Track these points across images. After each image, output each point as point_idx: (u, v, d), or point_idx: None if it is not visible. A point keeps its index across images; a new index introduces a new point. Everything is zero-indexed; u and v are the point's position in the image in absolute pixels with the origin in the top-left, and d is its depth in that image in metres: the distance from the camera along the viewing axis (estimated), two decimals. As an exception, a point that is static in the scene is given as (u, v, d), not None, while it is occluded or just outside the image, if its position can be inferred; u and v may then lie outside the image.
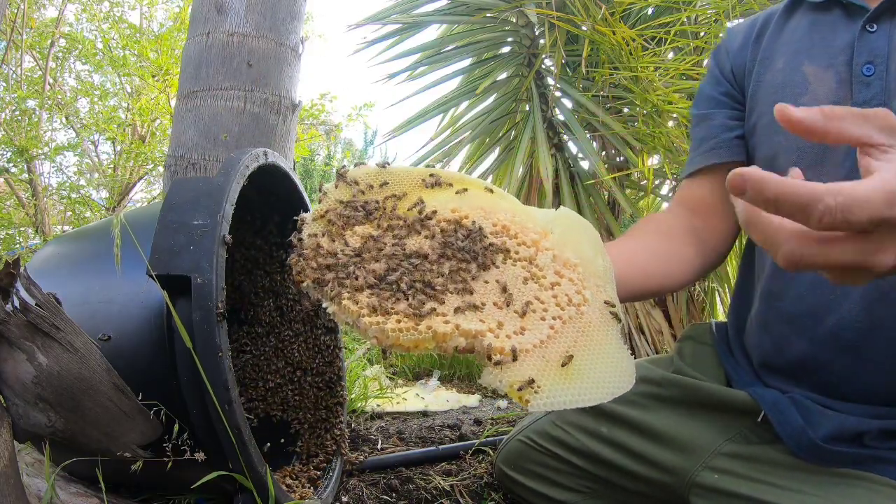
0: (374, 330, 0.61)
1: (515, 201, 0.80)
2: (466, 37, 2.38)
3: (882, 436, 0.74)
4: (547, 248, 0.74)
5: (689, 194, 0.96)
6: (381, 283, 0.65)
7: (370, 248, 0.69)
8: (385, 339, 0.61)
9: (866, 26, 0.79)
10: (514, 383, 0.60)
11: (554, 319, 0.67)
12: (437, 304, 0.64)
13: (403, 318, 0.62)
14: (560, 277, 0.71)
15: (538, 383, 0.61)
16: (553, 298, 0.69)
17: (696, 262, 0.90)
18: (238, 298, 1.24)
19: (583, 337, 0.67)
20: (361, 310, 0.62)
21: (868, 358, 0.76)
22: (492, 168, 2.42)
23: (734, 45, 0.94)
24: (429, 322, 0.62)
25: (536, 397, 0.60)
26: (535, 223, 0.76)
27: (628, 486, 0.93)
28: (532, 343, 0.64)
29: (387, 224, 0.72)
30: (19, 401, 0.71)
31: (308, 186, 5.90)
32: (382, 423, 1.58)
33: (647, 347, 2.07)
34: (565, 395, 0.61)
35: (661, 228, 0.92)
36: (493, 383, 0.61)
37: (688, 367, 0.95)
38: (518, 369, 0.61)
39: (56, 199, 5.51)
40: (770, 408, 0.80)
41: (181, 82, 1.75)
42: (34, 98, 5.34)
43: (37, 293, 0.71)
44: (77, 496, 0.90)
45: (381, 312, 0.62)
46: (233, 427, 0.78)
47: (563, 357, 0.64)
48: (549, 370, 0.62)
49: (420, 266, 0.68)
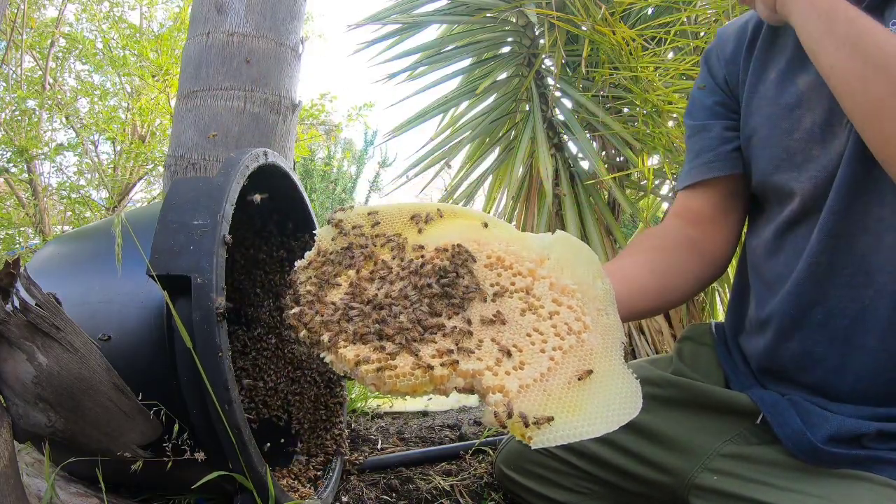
0: (370, 378, 0.61)
1: (511, 228, 0.79)
2: (466, 37, 2.38)
3: (881, 437, 0.74)
4: (543, 276, 0.73)
5: (687, 206, 0.94)
6: (374, 331, 0.65)
7: (361, 295, 0.69)
8: (382, 385, 0.61)
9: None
10: (515, 420, 0.59)
11: (554, 350, 0.66)
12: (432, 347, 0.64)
13: (399, 364, 0.62)
14: (559, 305, 0.70)
15: (539, 419, 0.60)
16: (552, 328, 0.68)
17: (697, 272, 0.90)
18: (238, 298, 1.24)
19: (585, 366, 0.66)
20: (357, 358, 0.62)
21: (859, 345, 0.76)
22: (492, 168, 2.42)
23: (726, 51, 0.93)
24: (425, 365, 0.62)
25: (539, 433, 0.59)
26: (531, 250, 0.76)
27: (628, 488, 0.93)
28: (532, 377, 0.63)
29: (378, 269, 0.72)
30: (19, 401, 0.71)
31: (308, 186, 5.90)
32: (382, 423, 1.58)
33: (647, 347, 2.07)
34: (569, 428, 0.60)
35: (658, 244, 0.92)
36: (494, 423, 0.60)
37: (687, 368, 0.95)
38: (519, 406, 0.60)
39: (56, 199, 5.51)
40: (769, 410, 0.80)
41: (181, 82, 1.74)
42: (34, 98, 5.34)
43: (37, 293, 0.71)
44: (77, 496, 0.90)
45: (376, 360, 0.62)
46: (233, 427, 0.78)
47: (565, 389, 0.63)
48: (551, 404, 0.61)
49: (412, 309, 0.67)
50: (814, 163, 0.78)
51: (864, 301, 0.75)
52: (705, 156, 0.91)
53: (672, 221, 0.95)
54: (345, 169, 6.71)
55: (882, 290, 0.74)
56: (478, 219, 0.79)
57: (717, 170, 0.90)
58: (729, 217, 0.92)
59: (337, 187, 6.27)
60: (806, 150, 0.79)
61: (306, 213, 1.21)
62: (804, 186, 0.79)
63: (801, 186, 0.79)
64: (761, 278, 0.87)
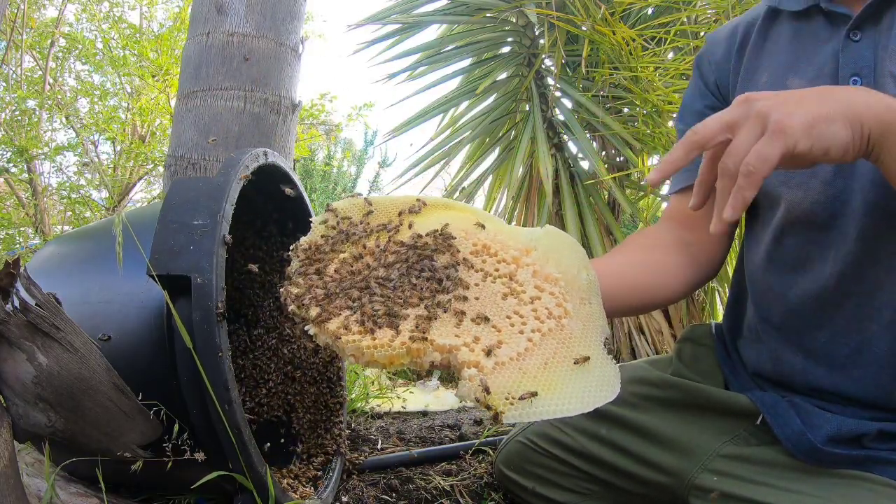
0: (350, 348, 0.63)
1: (501, 223, 0.81)
2: (466, 37, 2.38)
3: (881, 437, 0.74)
4: (528, 263, 0.75)
5: (678, 209, 0.95)
6: (357, 304, 0.67)
7: (348, 274, 0.72)
8: (361, 356, 0.63)
9: (850, 35, 0.76)
10: (489, 396, 0.60)
11: (533, 332, 0.67)
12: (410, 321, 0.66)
13: (378, 336, 0.64)
14: (540, 291, 0.72)
15: (513, 394, 0.61)
16: (532, 312, 0.70)
17: (688, 273, 0.90)
18: (238, 298, 1.24)
19: (563, 348, 0.67)
20: (339, 330, 0.65)
21: (857, 377, 0.76)
22: (492, 168, 2.42)
23: (716, 56, 0.92)
24: (403, 338, 0.64)
25: (511, 409, 0.60)
26: (518, 242, 0.78)
27: (628, 488, 0.93)
28: (509, 356, 0.64)
29: (367, 251, 0.75)
30: (19, 401, 0.71)
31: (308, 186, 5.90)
32: (382, 423, 1.58)
33: (647, 347, 2.07)
34: (542, 406, 0.61)
35: (649, 243, 0.92)
36: (467, 396, 0.62)
37: (687, 370, 0.95)
38: (492, 381, 0.61)
39: (56, 199, 5.51)
40: (769, 411, 0.80)
41: (181, 82, 1.74)
42: (34, 98, 5.34)
43: (37, 293, 0.71)
44: (77, 496, 0.90)
45: (357, 332, 0.64)
46: (233, 427, 0.78)
47: (540, 369, 0.64)
48: (525, 381, 0.63)
49: (393, 286, 0.70)
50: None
51: (866, 333, 0.75)
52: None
53: (665, 224, 0.95)
54: (345, 169, 6.71)
55: (889, 326, 0.74)
56: (469, 212, 0.81)
57: None
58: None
59: (337, 187, 6.26)
60: None
61: (306, 213, 1.21)
62: (793, 193, 0.79)
63: (789, 192, 0.79)
64: (756, 287, 0.87)
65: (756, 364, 0.87)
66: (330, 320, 0.66)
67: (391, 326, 0.65)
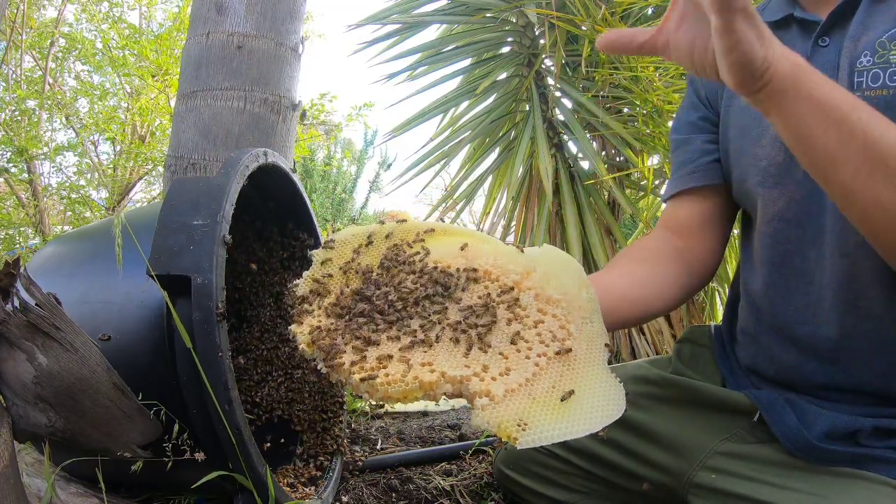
0: (364, 386, 0.65)
1: (498, 243, 0.82)
2: (466, 37, 2.38)
3: (876, 434, 0.74)
4: (529, 287, 0.76)
5: (672, 217, 0.97)
6: (363, 341, 0.69)
7: (351, 306, 0.73)
8: (375, 392, 0.64)
9: (818, 41, 0.78)
10: (501, 423, 0.63)
11: (539, 357, 0.69)
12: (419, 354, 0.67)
13: (391, 372, 0.65)
14: (543, 315, 0.74)
15: (525, 421, 0.63)
16: (537, 336, 0.71)
17: (683, 282, 0.91)
18: (238, 298, 1.24)
19: (569, 371, 0.69)
20: (351, 367, 0.66)
21: (845, 369, 0.77)
22: (492, 168, 2.41)
23: None
24: (415, 373, 0.65)
25: (524, 435, 0.62)
26: (517, 264, 0.79)
27: (627, 487, 0.94)
28: (518, 382, 0.66)
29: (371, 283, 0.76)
30: (19, 401, 0.71)
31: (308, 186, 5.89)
32: (382, 423, 1.58)
33: (648, 347, 2.07)
34: (552, 429, 0.63)
35: (643, 255, 0.94)
36: (482, 425, 0.63)
37: (686, 369, 0.97)
38: (504, 409, 0.64)
39: (56, 199, 5.51)
40: (766, 408, 0.81)
41: (181, 82, 1.74)
42: (34, 98, 5.34)
43: (37, 293, 0.71)
44: (77, 496, 0.90)
45: (369, 368, 0.66)
46: (233, 427, 0.78)
47: (549, 392, 0.66)
48: (535, 407, 0.65)
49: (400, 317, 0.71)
50: (777, 168, 0.80)
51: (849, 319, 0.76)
52: (686, 167, 0.94)
53: (659, 233, 0.97)
54: (345, 169, 6.71)
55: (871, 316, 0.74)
56: (468, 237, 0.83)
57: (697, 180, 0.93)
58: (714, 227, 0.94)
59: (337, 187, 6.26)
60: (771, 157, 0.81)
61: (306, 213, 1.21)
62: (770, 193, 0.81)
63: (767, 192, 0.81)
64: (748, 286, 0.89)
65: (753, 364, 0.88)
66: (340, 357, 0.67)
67: (402, 361, 0.66)
